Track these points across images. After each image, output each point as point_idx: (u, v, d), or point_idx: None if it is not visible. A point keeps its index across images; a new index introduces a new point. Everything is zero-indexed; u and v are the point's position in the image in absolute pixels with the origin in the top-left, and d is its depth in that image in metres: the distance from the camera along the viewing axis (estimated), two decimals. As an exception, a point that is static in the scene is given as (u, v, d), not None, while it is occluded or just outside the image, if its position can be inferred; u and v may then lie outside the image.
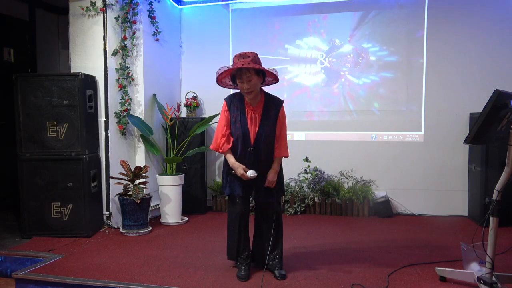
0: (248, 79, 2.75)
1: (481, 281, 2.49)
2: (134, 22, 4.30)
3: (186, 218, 4.53)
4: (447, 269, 2.79)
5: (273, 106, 2.88)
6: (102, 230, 4.08)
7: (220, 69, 2.81)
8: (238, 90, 2.91)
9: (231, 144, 2.87)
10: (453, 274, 2.74)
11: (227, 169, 2.92)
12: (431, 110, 4.76)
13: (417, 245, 3.62)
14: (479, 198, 4.23)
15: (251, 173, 2.80)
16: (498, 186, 2.47)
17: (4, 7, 5.20)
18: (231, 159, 2.86)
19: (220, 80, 2.92)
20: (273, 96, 2.95)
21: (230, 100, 2.91)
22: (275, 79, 2.95)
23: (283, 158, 2.97)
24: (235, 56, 2.78)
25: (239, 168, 2.81)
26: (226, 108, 2.89)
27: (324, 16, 4.98)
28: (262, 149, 2.84)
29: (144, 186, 4.09)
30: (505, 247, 3.13)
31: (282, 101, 2.94)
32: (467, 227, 4.23)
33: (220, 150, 2.89)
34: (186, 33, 5.34)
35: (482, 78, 4.59)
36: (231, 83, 2.94)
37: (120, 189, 4.08)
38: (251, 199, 3.05)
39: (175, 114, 4.83)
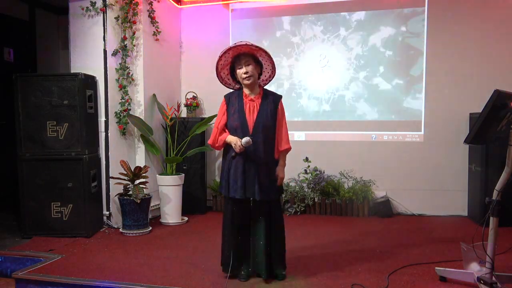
0: (247, 63, 2.79)
1: (481, 281, 2.49)
2: (134, 22, 4.30)
3: (186, 218, 4.53)
4: (447, 269, 2.79)
5: (272, 98, 2.89)
6: (102, 230, 4.08)
7: (218, 56, 2.81)
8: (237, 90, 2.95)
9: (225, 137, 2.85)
10: (453, 274, 2.74)
11: (227, 166, 2.83)
12: (431, 110, 4.76)
13: (417, 245, 3.62)
14: (479, 198, 4.23)
15: (244, 141, 2.69)
16: (498, 186, 2.47)
17: (4, 7, 5.20)
18: (228, 138, 2.80)
19: (219, 72, 2.91)
20: (272, 91, 2.97)
21: (229, 95, 2.93)
22: (270, 76, 2.97)
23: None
24: (225, 50, 2.79)
25: (236, 142, 2.73)
26: (225, 102, 2.90)
27: (325, 16, 4.98)
28: (261, 138, 2.78)
29: (144, 186, 4.09)
30: (505, 247, 3.13)
31: (281, 96, 2.94)
32: (467, 227, 4.23)
33: (216, 145, 2.86)
34: (186, 33, 5.34)
35: (482, 78, 4.59)
36: (229, 80, 2.95)
37: (120, 189, 4.08)
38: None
39: (175, 114, 4.83)
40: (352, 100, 4.95)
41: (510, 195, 2.62)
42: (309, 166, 4.91)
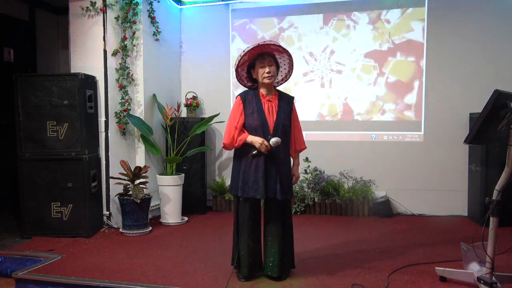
0: (270, 63, 2.79)
1: (481, 281, 2.49)
2: (134, 22, 4.30)
3: (186, 218, 4.53)
4: (447, 269, 2.79)
5: (286, 99, 2.91)
6: (102, 230, 4.08)
7: (243, 51, 2.75)
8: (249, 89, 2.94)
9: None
10: (453, 274, 2.74)
11: (244, 166, 2.76)
12: (431, 110, 4.76)
13: (417, 245, 3.62)
14: (479, 198, 4.23)
15: (274, 140, 2.68)
16: (498, 186, 2.47)
17: (4, 7, 5.20)
18: (249, 138, 2.75)
19: (238, 68, 2.84)
20: (285, 92, 2.99)
21: (244, 94, 2.88)
22: (282, 79, 2.99)
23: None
24: (253, 46, 2.74)
25: (262, 142, 2.69)
26: (241, 101, 2.83)
27: (324, 16, 4.98)
28: (281, 138, 2.76)
29: (144, 186, 4.09)
30: (505, 247, 3.13)
31: (293, 97, 2.98)
32: (467, 227, 4.23)
33: (235, 145, 2.80)
34: (186, 33, 5.34)
35: (482, 78, 4.59)
36: (243, 76, 2.89)
37: (120, 189, 4.08)
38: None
39: (175, 114, 4.83)
40: (352, 100, 4.95)
41: (510, 195, 2.62)
42: (309, 166, 4.91)
